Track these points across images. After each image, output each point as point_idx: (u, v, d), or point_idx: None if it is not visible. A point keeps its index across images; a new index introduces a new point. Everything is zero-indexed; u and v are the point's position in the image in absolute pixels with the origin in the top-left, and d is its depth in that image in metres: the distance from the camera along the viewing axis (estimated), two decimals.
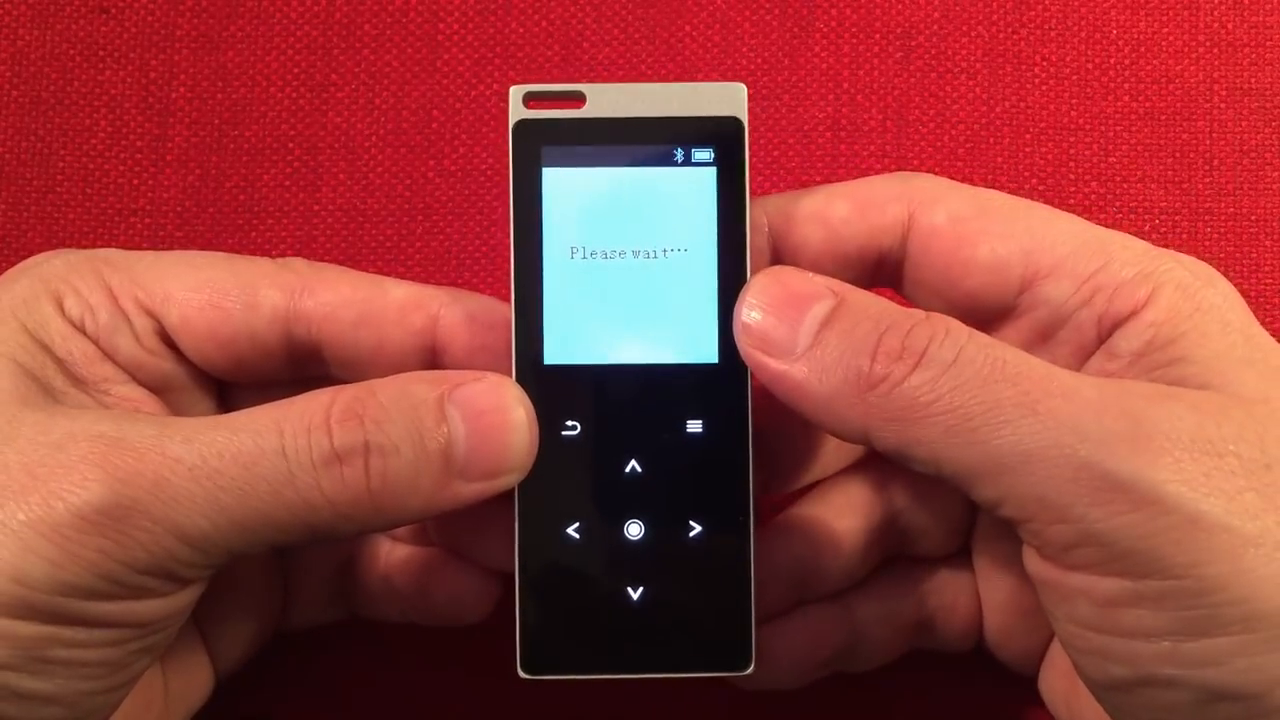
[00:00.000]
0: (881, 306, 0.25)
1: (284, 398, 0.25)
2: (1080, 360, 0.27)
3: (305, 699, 0.34)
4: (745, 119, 0.27)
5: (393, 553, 0.31)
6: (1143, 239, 0.27)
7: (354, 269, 0.29)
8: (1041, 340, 0.27)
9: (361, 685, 0.34)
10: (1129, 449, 0.22)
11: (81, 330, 0.26)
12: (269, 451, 0.23)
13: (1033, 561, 0.25)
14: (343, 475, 0.24)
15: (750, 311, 0.25)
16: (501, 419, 0.25)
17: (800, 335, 0.25)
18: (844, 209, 0.28)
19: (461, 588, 0.30)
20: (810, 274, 0.26)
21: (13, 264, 0.28)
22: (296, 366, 0.29)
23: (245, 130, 0.37)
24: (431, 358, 0.28)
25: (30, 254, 0.28)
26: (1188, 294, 0.25)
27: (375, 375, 0.27)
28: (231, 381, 0.29)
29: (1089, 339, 0.27)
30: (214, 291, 0.27)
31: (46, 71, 0.37)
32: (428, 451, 0.24)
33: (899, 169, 0.37)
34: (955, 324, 0.24)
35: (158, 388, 0.28)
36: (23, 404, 0.24)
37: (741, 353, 0.26)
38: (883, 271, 0.28)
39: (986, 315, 0.28)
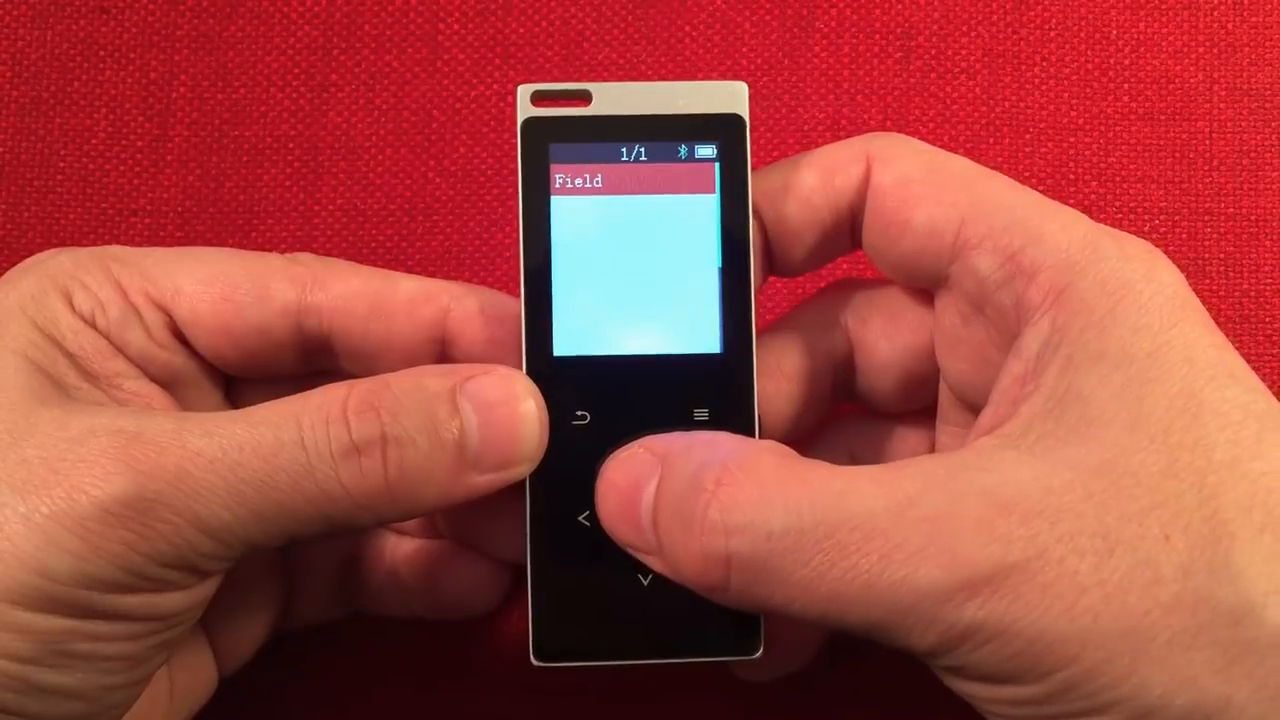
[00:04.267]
0: (682, 470, 0.25)
1: (292, 392, 0.25)
2: (1009, 340, 0.26)
3: (307, 697, 0.34)
4: (747, 116, 0.27)
5: (399, 547, 0.31)
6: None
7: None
8: (975, 313, 0.27)
9: (363, 683, 0.34)
10: (968, 596, 0.22)
11: (92, 325, 0.27)
12: (288, 444, 0.24)
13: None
14: (361, 467, 0.24)
15: (610, 527, 0.26)
16: (512, 410, 0.26)
17: (647, 538, 0.25)
18: (811, 179, 0.27)
19: (470, 579, 0.31)
20: (631, 449, 0.26)
21: (13, 264, 0.28)
22: (306, 360, 0.29)
23: (245, 130, 0.37)
24: (441, 350, 0.28)
25: (30, 254, 0.28)
26: (1107, 290, 0.24)
27: (386, 368, 0.28)
28: (240, 376, 0.29)
29: (1011, 321, 0.25)
30: (225, 285, 0.27)
31: (46, 71, 0.37)
32: (442, 443, 0.25)
33: None
34: (747, 493, 0.23)
35: (167, 382, 0.28)
36: (38, 401, 0.24)
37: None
38: (858, 234, 0.28)
39: (924, 282, 0.28)
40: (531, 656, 0.27)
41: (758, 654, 0.27)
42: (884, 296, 0.29)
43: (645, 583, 0.27)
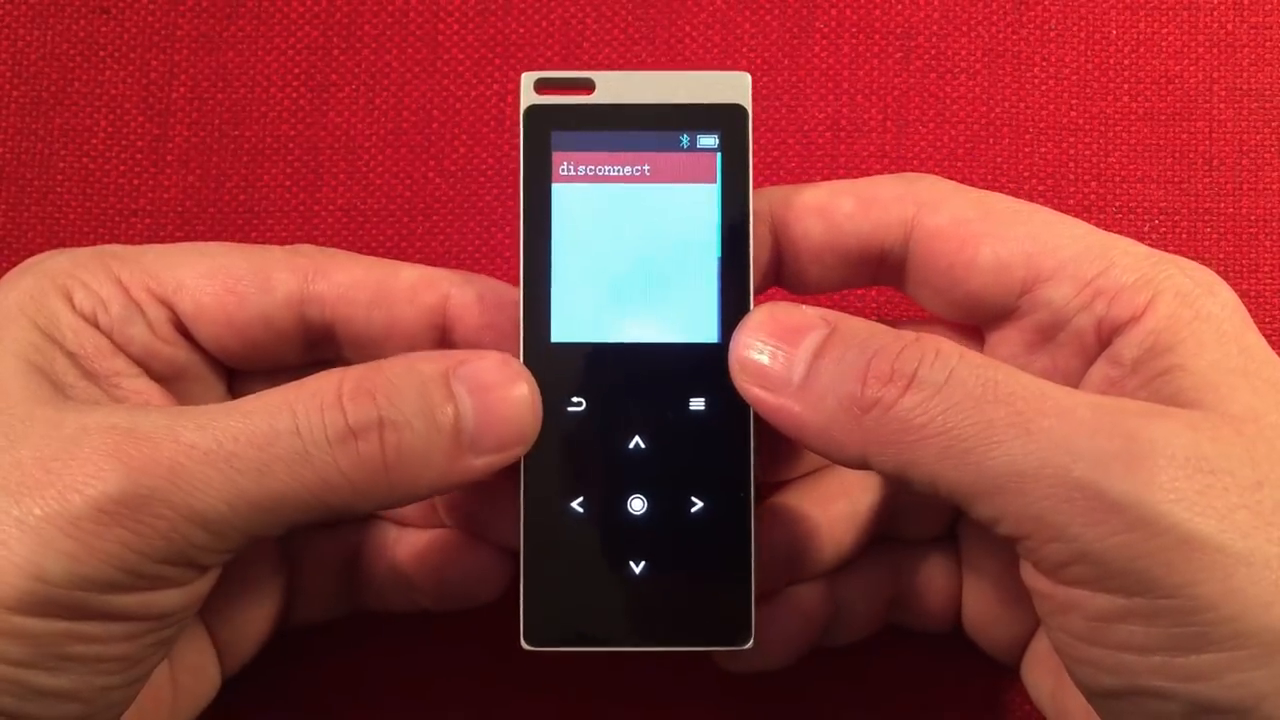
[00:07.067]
0: (871, 331, 0.25)
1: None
2: (1082, 362, 0.27)
3: (306, 697, 0.34)
4: (749, 106, 0.27)
5: (401, 539, 0.31)
6: (1142, 239, 0.27)
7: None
8: (1043, 342, 0.28)
9: (363, 682, 0.34)
10: (1123, 468, 0.22)
11: (94, 324, 0.26)
12: (283, 432, 0.24)
13: (1028, 573, 0.25)
14: (358, 451, 0.24)
15: (746, 347, 0.26)
16: (506, 393, 0.26)
17: (795, 367, 0.25)
18: (848, 205, 0.28)
19: (474, 567, 0.31)
20: (804, 306, 0.26)
21: (13, 264, 0.28)
22: (309, 350, 0.29)
23: (245, 130, 0.37)
24: (441, 336, 0.29)
25: (30, 254, 0.28)
26: (1187, 302, 0.25)
27: (388, 355, 0.28)
28: (242, 369, 0.29)
29: (1089, 342, 0.27)
30: (228, 277, 0.27)
31: (46, 71, 0.37)
32: (439, 426, 0.25)
33: (899, 169, 0.37)
34: (946, 344, 0.24)
35: (169, 378, 0.28)
36: (35, 402, 0.24)
37: (738, 389, 0.26)
38: (884, 270, 0.29)
39: (988, 316, 0.28)
40: (522, 640, 0.27)
41: (748, 645, 0.27)
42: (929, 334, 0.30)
43: (637, 570, 0.27)
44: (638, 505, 0.27)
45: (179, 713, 0.29)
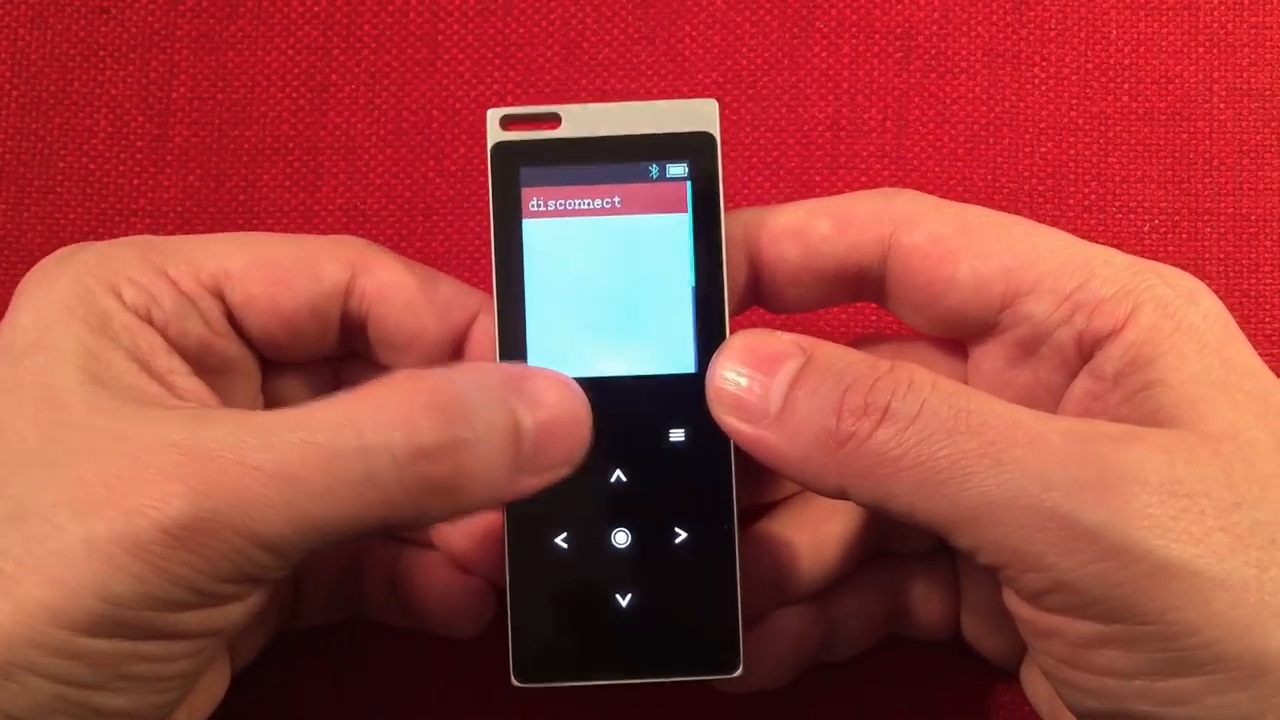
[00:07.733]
0: (847, 361, 0.25)
1: (325, 375, 0.25)
2: (1065, 376, 0.27)
3: (306, 700, 0.34)
4: (718, 133, 0.27)
5: (397, 558, 0.31)
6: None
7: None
8: (1025, 356, 0.27)
9: (362, 688, 0.34)
10: (1096, 497, 0.22)
11: (147, 320, 0.26)
12: (347, 452, 0.23)
13: (1010, 600, 0.25)
14: (428, 472, 0.23)
15: (722, 379, 0.26)
16: (562, 413, 0.25)
17: (771, 398, 0.25)
18: (824, 226, 0.28)
19: (457, 601, 0.30)
20: (779, 333, 0.26)
21: (14, 264, 0.28)
22: (341, 342, 0.29)
23: (245, 130, 0.37)
24: (457, 354, 0.29)
25: (31, 254, 0.28)
26: (1167, 313, 0.25)
27: (409, 359, 0.28)
28: (278, 360, 0.29)
29: (1071, 356, 0.26)
30: (276, 267, 0.27)
31: (46, 71, 0.37)
32: (504, 445, 0.24)
33: (899, 169, 0.37)
34: (919, 374, 0.24)
35: (216, 372, 0.27)
36: (95, 412, 0.23)
37: (716, 419, 0.26)
38: (864, 288, 0.28)
39: (970, 331, 0.28)
40: (512, 677, 0.27)
41: (737, 672, 0.27)
42: (914, 350, 0.30)
43: (624, 603, 0.27)
44: (621, 538, 0.27)
45: (196, 710, 0.28)
